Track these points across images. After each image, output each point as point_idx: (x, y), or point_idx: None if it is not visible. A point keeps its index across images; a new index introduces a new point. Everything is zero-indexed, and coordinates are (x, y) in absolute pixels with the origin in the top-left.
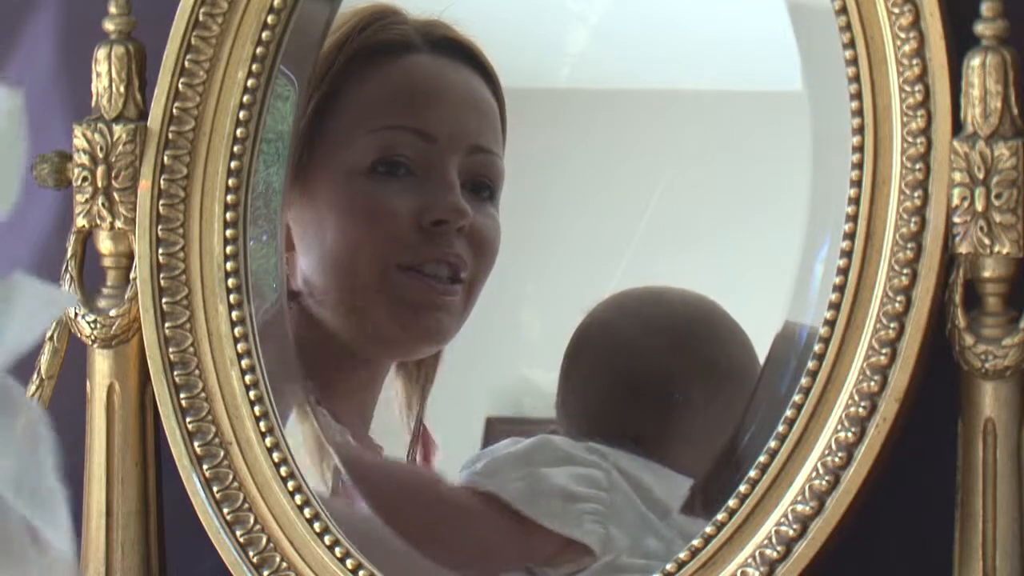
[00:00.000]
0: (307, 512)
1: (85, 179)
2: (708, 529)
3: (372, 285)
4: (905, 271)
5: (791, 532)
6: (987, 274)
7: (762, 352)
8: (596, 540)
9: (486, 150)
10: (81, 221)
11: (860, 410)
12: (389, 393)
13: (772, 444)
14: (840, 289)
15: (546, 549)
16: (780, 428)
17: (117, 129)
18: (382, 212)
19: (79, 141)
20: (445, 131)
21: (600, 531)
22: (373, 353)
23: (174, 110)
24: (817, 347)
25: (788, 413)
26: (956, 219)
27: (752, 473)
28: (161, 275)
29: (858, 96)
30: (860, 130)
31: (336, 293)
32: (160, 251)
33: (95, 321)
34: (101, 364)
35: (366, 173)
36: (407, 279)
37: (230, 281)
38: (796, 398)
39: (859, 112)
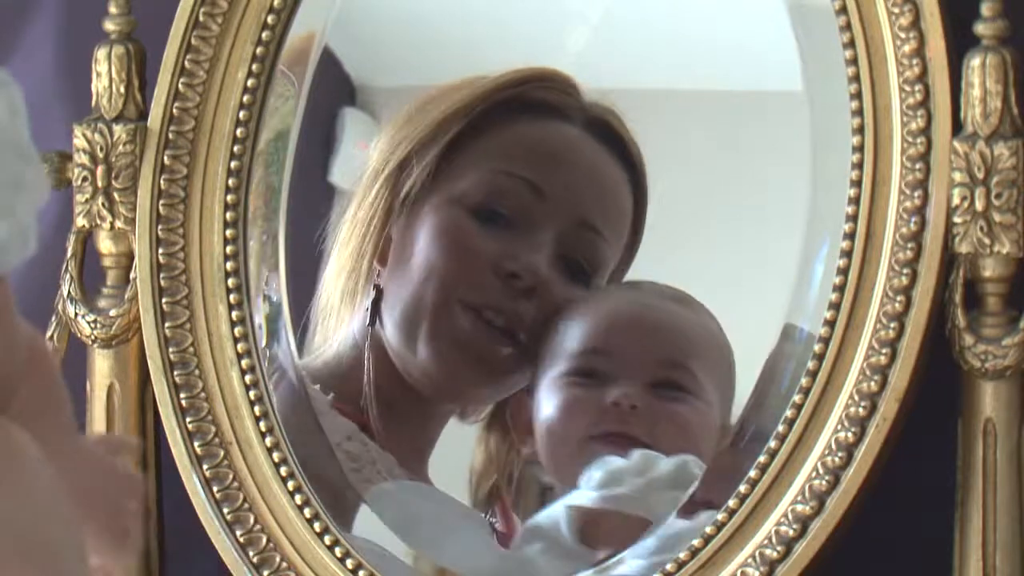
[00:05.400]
0: (307, 512)
1: (85, 179)
2: (708, 529)
3: (431, 313)
4: (905, 271)
5: (791, 532)
6: (987, 274)
7: (762, 352)
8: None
9: (596, 230)
10: (81, 221)
11: (860, 410)
12: (458, 449)
13: (772, 444)
14: (840, 289)
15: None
16: (780, 428)
17: (117, 129)
18: (464, 248)
19: (79, 141)
20: (558, 192)
21: None
22: (421, 388)
23: (174, 110)
24: (817, 347)
25: (788, 413)
26: (956, 219)
27: (752, 473)
28: (161, 275)
29: (858, 96)
30: (860, 130)
31: (400, 314)
32: (160, 251)
33: (95, 321)
34: (101, 364)
35: (468, 209)
36: (465, 317)
37: (230, 281)
38: (796, 398)
39: (859, 112)
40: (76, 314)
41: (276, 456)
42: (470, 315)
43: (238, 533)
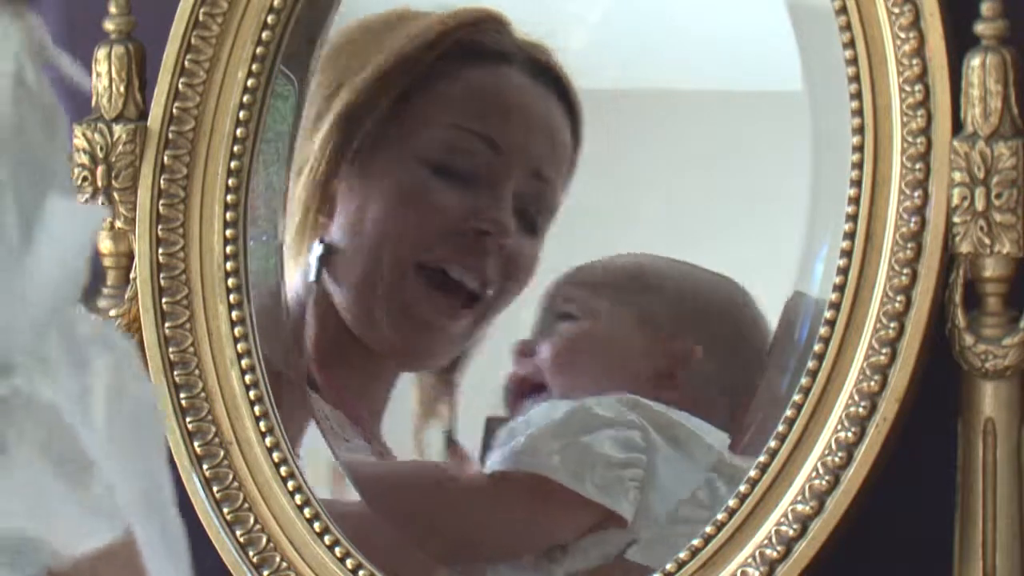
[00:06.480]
0: (307, 512)
1: (85, 179)
2: (708, 529)
3: (386, 280)
4: (905, 271)
5: (791, 532)
6: (987, 274)
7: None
8: (631, 510)
9: (545, 179)
10: None
11: (860, 410)
12: (403, 402)
13: (772, 444)
14: (840, 289)
15: (585, 522)
16: (780, 428)
17: (117, 129)
18: (427, 204)
19: (79, 141)
20: (514, 145)
21: (638, 499)
22: (377, 349)
23: (174, 110)
24: (817, 347)
25: (788, 413)
26: (956, 219)
27: (752, 473)
28: (161, 275)
29: (858, 96)
30: (860, 130)
31: (354, 277)
32: (160, 251)
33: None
34: None
35: (427, 166)
36: (423, 283)
37: (230, 281)
38: (796, 398)
39: (859, 112)
40: None
41: (276, 456)
42: (429, 279)
43: (238, 533)
